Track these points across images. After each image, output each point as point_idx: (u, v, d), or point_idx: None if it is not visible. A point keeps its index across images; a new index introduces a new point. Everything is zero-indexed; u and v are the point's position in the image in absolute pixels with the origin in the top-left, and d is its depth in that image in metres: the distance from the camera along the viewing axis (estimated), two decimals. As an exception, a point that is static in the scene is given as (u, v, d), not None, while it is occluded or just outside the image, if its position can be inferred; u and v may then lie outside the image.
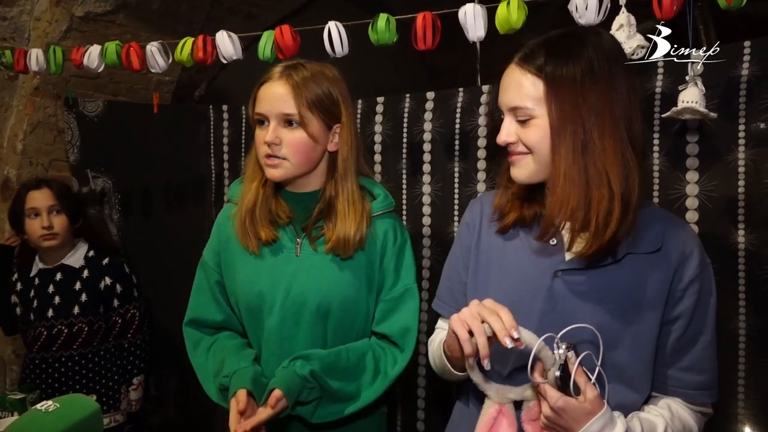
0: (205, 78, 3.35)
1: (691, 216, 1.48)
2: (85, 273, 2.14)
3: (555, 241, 1.11)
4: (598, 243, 1.03)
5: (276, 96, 1.30)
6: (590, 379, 0.99)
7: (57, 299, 2.12)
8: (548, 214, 1.08)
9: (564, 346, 0.98)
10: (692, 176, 1.48)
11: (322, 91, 1.33)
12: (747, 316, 1.44)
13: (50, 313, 2.11)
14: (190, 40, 1.79)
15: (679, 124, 1.48)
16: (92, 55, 1.95)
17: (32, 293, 2.15)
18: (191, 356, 1.48)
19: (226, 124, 2.28)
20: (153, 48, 1.86)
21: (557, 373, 0.97)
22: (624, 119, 1.03)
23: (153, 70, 1.89)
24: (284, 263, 1.39)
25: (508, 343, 0.95)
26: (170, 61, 1.87)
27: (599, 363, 1.00)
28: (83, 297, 2.12)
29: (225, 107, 2.28)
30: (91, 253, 2.18)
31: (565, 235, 1.11)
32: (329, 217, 1.37)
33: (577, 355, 0.98)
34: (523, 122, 1.07)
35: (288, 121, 1.31)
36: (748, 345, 1.45)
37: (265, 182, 1.40)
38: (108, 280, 2.15)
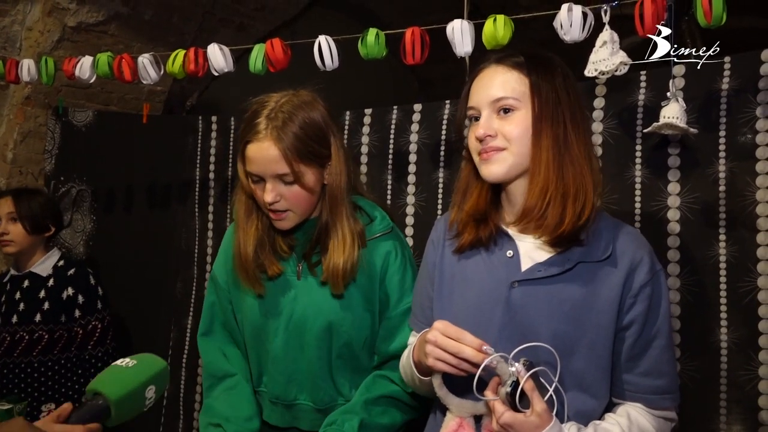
0: (196, 88, 3.37)
1: (673, 227, 1.51)
2: (51, 282, 2.18)
3: (511, 253, 1.15)
4: (572, 225, 1.08)
5: (268, 159, 1.30)
6: (545, 393, 1.01)
7: (21, 306, 2.16)
8: (528, 203, 1.11)
9: (517, 363, 1.00)
10: (674, 188, 1.51)
11: (310, 139, 1.32)
12: (728, 328, 1.46)
13: (14, 319, 2.15)
14: (181, 53, 1.81)
15: (661, 137, 1.51)
16: (84, 66, 1.96)
17: (3, 298, 2.19)
18: (213, 366, 1.51)
19: (214, 134, 2.29)
20: (145, 60, 1.87)
21: (507, 389, 0.99)
22: (587, 129, 1.14)
23: (144, 82, 1.90)
24: (287, 287, 1.41)
25: (486, 361, 1.00)
26: (162, 72, 1.89)
27: (557, 378, 1.02)
28: (46, 305, 2.15)
29: (214, 118, 2.30)
30: (61, 262, 2.23)
31: (526, 240, 1.15)
32: (325, 246, 1.38)
33: (536, 371, 1.01)
34: (505, 114, 1.12)
35: (284, 179, 1.32)
36: (730, 358, 1.46)
37: (261, 219, 1.41)
38: (71, 291, 2.17)
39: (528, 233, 1.14)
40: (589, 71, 1.39)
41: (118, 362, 1.09)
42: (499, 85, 1.12)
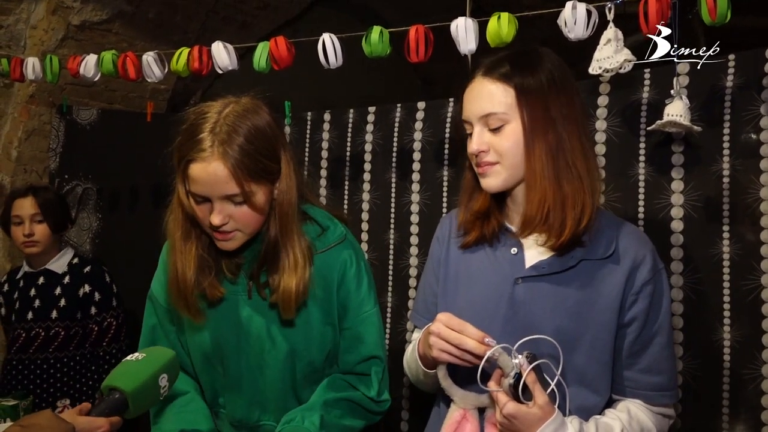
0: (200, 86, 3.37)
1: (677, 225, 1.51)
2: (67, 279, 2.19)
3: (516, 251, 1.16)
4: (572, 232, 1.09)
5: (215, 180, 1.18)
6: (548, 387, 1.02)
7: (37, 302, 2.17)
8: (527, 213, 1.12)
9: (520, 355, 1.01)
10: (677, 186, 1.51)
11: (260, 154, 1.21)
12: (732, 326, 1.46)
13: (30, 315, 2.16)
14: (186, 51, 1.81)
15: (665, 135, 1.51)
16: (89, 65, 1.97)
17: (16, 295, 2.20)
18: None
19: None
20: (149, 58, 1.88)
21: (510, 381, 1.01)
22: (582, 123, 1.12)
23: (149, 80, 1.91)
24: (239, 308, 1.33)
25: (488, 353, 1.01)
26: (166, 70, 1.89)
27: (559, 371, 1.04)
28: (62, 302, 2.16)
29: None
30: (76, 260, 2.24)
31: (534, 239, 1.15)
32: (274, 266, 1.28)
33: (539, 363, 1.02)
34: (495, 130, 1.11)
35: (233, 200, 1.21)
36: (733, 356, 1.46)
37: (201, 239, 1.30)
38: (87, 288, 2.19)
39: (532, 235, 1.15)
40: (594, 69, 1.38)
41: (129, 357, 1.11)
42: (486, 99, 1.11)
